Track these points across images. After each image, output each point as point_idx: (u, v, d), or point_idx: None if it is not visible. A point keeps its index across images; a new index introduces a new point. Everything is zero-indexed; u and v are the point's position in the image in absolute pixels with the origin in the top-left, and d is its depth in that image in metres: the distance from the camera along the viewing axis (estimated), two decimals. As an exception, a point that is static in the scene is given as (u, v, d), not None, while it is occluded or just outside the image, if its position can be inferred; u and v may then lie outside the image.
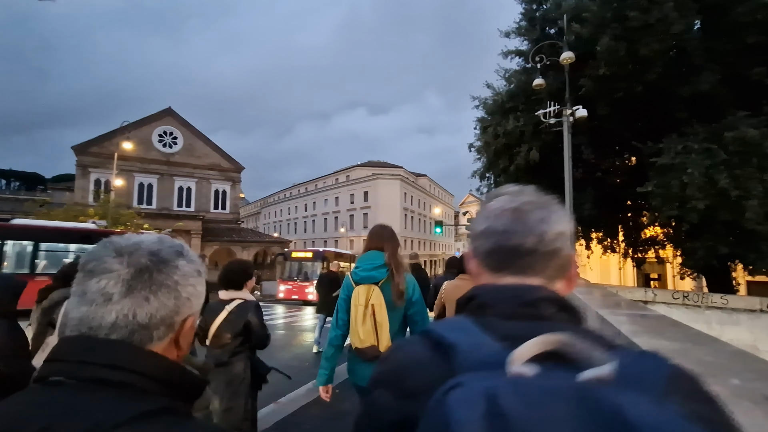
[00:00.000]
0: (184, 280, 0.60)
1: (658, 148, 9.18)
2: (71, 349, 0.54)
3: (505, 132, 11.81)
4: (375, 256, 2.26)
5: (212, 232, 31.48)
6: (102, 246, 0.59)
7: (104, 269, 0.56)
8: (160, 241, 0.62)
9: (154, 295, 0.57)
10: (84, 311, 0.55)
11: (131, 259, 0.57)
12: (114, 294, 0.55)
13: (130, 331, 0.55)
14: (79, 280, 0.57)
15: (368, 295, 2.15)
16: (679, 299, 8.20)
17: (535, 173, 12.83)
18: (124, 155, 30.31)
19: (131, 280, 0.56)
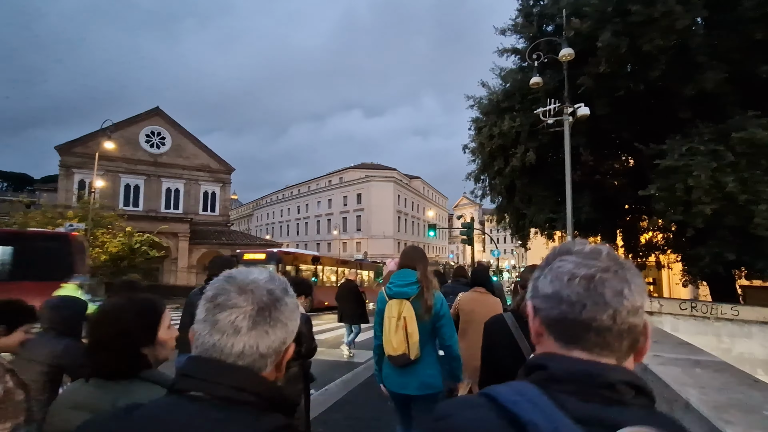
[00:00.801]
0: (291, 315, 0.73)
1: (660, 150, 8.74)
2: (206, 370, 0.65)
3: (501, 132, 11.33)
4: (408, 274, 2.52)
5: (200, 235, 30.71)
6: (225, 281, 0.71)
7: (232, 304, 0.67)
8: (271, 279, 0.73)
9: (272, 330, 0.68)
10: (216, 339, 0.66)
11: (254, 297, 0.68)
12: (242, 327, 0.66)
13: (253, 359, 0.66)
14: (209, 310, 0.68)
15: (400, 309, 2.41)
16: (687, 310, 7.74)
17: (532, 175, 12.37)
18: (110, 155, 29.47)
19: (255, 316, 0.67)
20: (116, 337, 1.11)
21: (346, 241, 53.29)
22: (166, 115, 32.11)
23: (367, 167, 59.25)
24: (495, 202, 15.22)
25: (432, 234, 21.36)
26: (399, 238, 53.49)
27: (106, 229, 17.92)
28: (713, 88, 8.35)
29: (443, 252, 77.21)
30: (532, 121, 10.94)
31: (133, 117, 30.99)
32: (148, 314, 1.20)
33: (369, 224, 51.28)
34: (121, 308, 1.17)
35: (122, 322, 1.13)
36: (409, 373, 2.45)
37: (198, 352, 0.68)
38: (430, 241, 65.44)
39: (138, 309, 1.19)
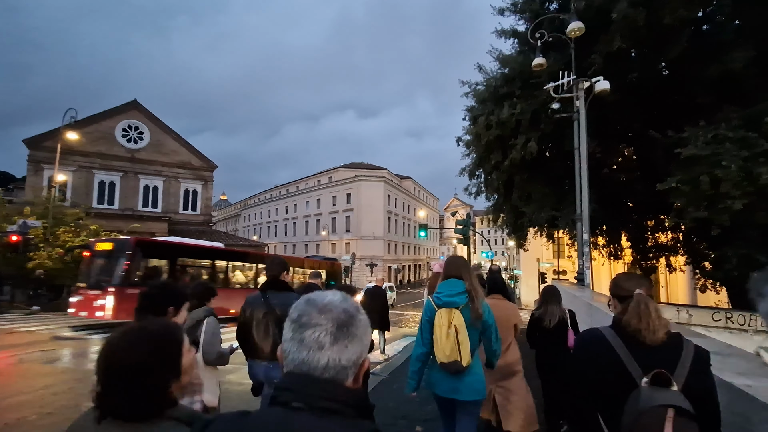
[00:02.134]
0: (364, 330, 0.81)
1: (680, 138, 7.74)
2: (301, 383, 0.74)
3: (499, 121, 10.26)
4: (455, 284, 2.64)
5: (180, 235, 29.03)
6: (306, 304, 0.81)
7: (315, 323, 0.77)
8: (344, 299, 0.83)
9: (350, 344, 0.77)
10: (304, 355, 0.75)
11: (332, 315, 0.78)
12: (325, 343, 0.75)
13: (337, 371, 0.75)
14: (295, 330, 0.78)
15: (450, 318, 2.53)
16: (721, 321, 6.77)
17: (532, 170, 11.33)
18: (83, 150, 27.87)
19: (336, 332, 0.76)
20: (135, 374, 0.94)
21: (335, 242, 51.98)
22: (144, 109, 30.54)
23: (357, 167, 58.03)
24: (491, 199, 14.16)
25: (423, 234, 20.27)
26: (389, 239, 52.35)
27: (68, 227, 16.42)
28: (741, 69, 7.37)
29: (434, 253, 76.23)
30: (534, 109, 9.91)
31: (109, 110, 29.39)
32: (169, 345, 1.04)
33: (358, 225, 50.04)
34: (136, 340, 1.00)
35: (139, 355, 0.96)
36: (460, 379, 2.55)
37: (290, 368, 0.77)
38: (420, 243, 64.39)
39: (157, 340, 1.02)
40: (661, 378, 1.23)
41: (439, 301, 2.62)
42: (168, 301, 2.02)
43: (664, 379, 1.23)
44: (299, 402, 0.71)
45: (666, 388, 1.21)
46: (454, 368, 2.50)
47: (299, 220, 59.45)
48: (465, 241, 13.33)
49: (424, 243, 67.31)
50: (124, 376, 0.94)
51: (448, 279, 2.69)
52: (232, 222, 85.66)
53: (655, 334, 1.37)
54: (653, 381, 1.24)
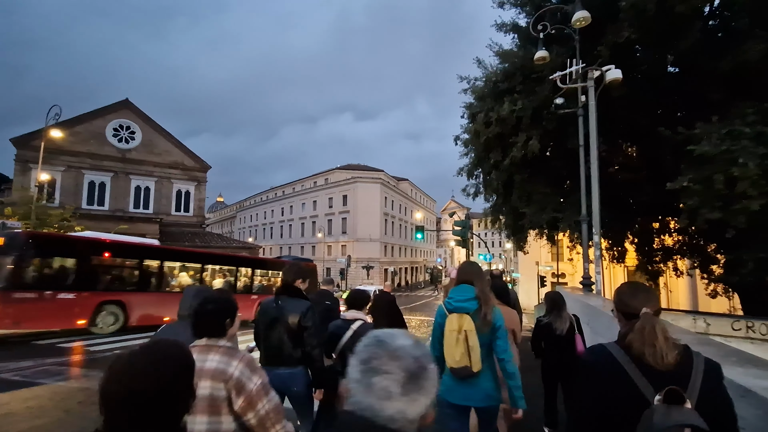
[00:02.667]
0: (433, 383, 0.78)
1: (692, 135, 7.29)
2: (363, 427, 0.72)
3: (499, 118, 9.80)
4: (466, 290, 2.65)
5: (172, 237, 28.55)
6: (377, 346, 0.78)
7: (385, 370, 0.74)
8: (417, 346, 0.79)
9: (420, 397, 0.75)
10: (370, 401, 0.73)
11: (403, 363, 0.75)
12: (394, 393, 0.73)
13: (402, 424, 0.73)
14: (364, 372, 0.76)
15: (461, 323, 2.52)
16: (741, 330, 6.30)
17: (533, 169, 10.88)
18: (73, 150, 27.24)
19: (407, 384, 0.74)
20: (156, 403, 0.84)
21: (331, 243, 51.43)
22: (136, 108, 29.93)
23: (354, 168, 57.55)
24: (489, 200, 13.68)
25: (420, 237, 19.79)
26: (386, 241, 51.84)
27: (52, 229, 15.81)
28: (757, 61, 6.93)
29: (431, 256, 75.72)
30: (535, 105, 9.46)
31: (100, 109, 28.75)
32: (190, 369, 0.95)
33: (355, 227, 49.51)
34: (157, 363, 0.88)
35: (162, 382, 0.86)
36: (471, 385, 2.53)
37: (352, 409, 0.75)
38: (417, 245, 63.87)
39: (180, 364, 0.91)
40: (674, 395, 1.18)
41: (450, 306, 2.62)
42: (226, 314, 1.88)
43: (678, 397, 1.18)
44: None
45: (680, 406, 1.17)
46: (464, 373, 2.48)
47: (295, 221, 58.86)
48: (463, 243, 12.79)
49: (420, 245, 66.80)
50: (143, 405, 0.82)
51: (460, 284, 2.71)
52: (228, 224, 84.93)
53: (665, 359, 1.30)
54: (666, 399, 1.18)
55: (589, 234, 8.58)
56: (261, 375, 1.75)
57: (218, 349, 1.76)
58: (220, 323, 1.85)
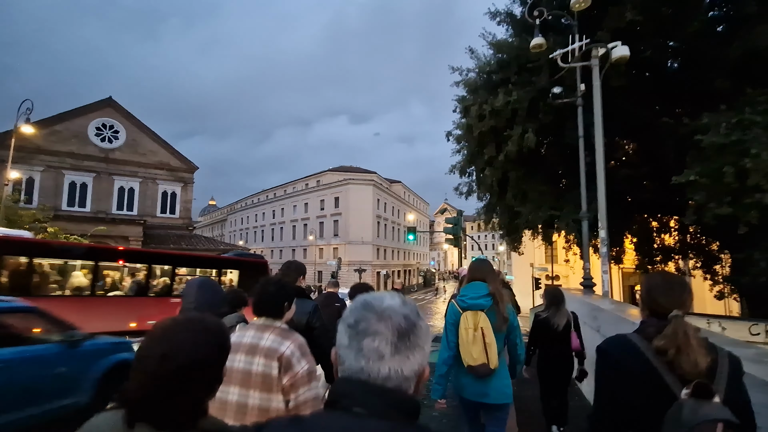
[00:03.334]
0: (425, 338, 0.77)
1: (697, 126, 6.84)
2: (361, 390, 0.71)
3: (493, 111, 9.29)
4: (479, 287, 2.64)
5: (157, 239, 27.67)
6: (363, 308, 0.76)
7: (374, 331, 0.73)
8: (404, 304, 0.78)
9: (412, 354, 0.73)
10: (363, 364, 0.72)
11: (392, 323, 0.73)
12: (386, 353, 0.72)
13: (399, 382, 0.72)
14: (352, 337, 0.74)
15: (476, 320, 2.53)
16: (760, 335, 5.79)
17: (529, 165, 10.38)
18: (52, 149, 26.28)
19: (398, 342, 0.72)
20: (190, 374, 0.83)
21: (322, 246, 50.65)
22: (119, 107, 29.06)
23: (346, 170, 56.92)
24: (483, 199, 13.17)
25: (411, 238, 19.23)
26: (378, 244, 51.19)
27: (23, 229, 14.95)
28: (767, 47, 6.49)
29: (424, 258, 75.17)
30: (531, 97, 8.96)
31: (82, 108, 27.83)
32: (227, 343, 0.93)
33: (347, 229, 48.81)
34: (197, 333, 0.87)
35: (199, 353, 0.85)
36: (487, 382, 2.52)
37: (346, 375, 0.74)
38: (410, 247, 63.28)
39: (218, 337, 0.90)
40: (703, 389, 1.13)
41: (463, 303, 2.61)
42: (285, 297, 1.98)
43: (707, 391, 1.13)
44: (361, 408, 0.69)
45: (709, 401, 1.12)
46: (483, 371, 2.47)
47: (286, 224, 58.00)
48: (455, 242, 12.15)
49: (414, 248, 66.26)
50: (178, 375, 0.81)
51: (472, 282, 2.68)
52: (219, 227, 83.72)
53: (697, 367, 1.21)
54: (695, 393, 1.13)
55: (590, 232, 8.08)
56: (310, 361, 1.80)
57: (274, 329, 1.85)
58: (279, 305, 1.94)
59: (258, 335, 1.82)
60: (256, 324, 1.89)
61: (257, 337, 1.81)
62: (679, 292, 1.38)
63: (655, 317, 1.38)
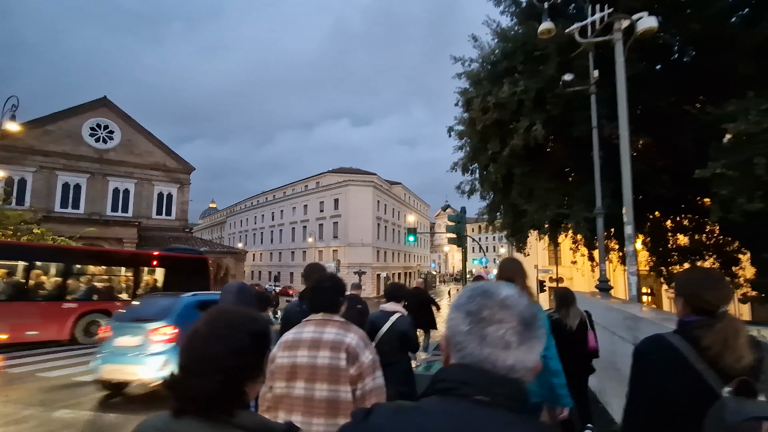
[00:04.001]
0: (543, 331, 0.76)
1: (723, 114, 6.27)
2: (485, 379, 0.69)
3: (498, 103, 8.73)
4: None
5: (152, 241, 27.09)
6: (482, 295, 0.75)
7: (499, 319, 0.71)
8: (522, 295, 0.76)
9: (534, 346, 0.72)
10: (488, 352, 0.70)
11: (516, 311, 0.72)
12: (512, 342, 0.70)
13: (523, 373, 0.71)
14: (474, 323, 0.72)
15: None
16: None
17: (535, 162, 9.80)
18: (45, 150, 25.77)
19: (523, 332, 0.71)
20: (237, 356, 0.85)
21: (322, 249, 50.06)
22: (114, 106, 28.58)
23: (346, 171, 56.44)
24: (486, 197, 12.58)
25: (412, 240, 18.63)
26: (378, 246, 50.60)
27: (6, 231, 14.42)
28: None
29: (425, 261, 74.53)
30: (539, 87, 8.40)
31: (76, 107, 27.35)
32: (268, 333, 0.95)
33: (346, 231, 48.22)
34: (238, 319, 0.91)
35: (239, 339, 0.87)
36: None
37: (466, 362, 0.72)
38: (410, 250, 62.65)
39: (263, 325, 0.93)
40: (746, 387, 1.13)
41: None
42: (340, 292, 2.03)
43: (750, 388, 1.13)
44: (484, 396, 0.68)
45: (753, 398, 1.12)
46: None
47: (285, 226, 57.45)
48: (459, 241, 11.50)
49: (414, 250, 65.64)
50: (216, 364, 0.83)
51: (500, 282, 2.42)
52: (218, 229, 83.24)
53: (740, 363, 1.20)
54: (738, 390, 1.13)
55: (608, 229, 7.49)
56: (372, 352, 1.85)
57: (334, 322, 1.90)
58: (335, 300, 2.00)
59: (319, 330, 1.85)
60: (315, 319, 1.91)
61: (318, 331, 1.84)
62: (724, 287, 1.37)
63: (700, 314, 1.34)
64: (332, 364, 1.74)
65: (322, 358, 1.75)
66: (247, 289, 2.28)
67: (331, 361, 1.75)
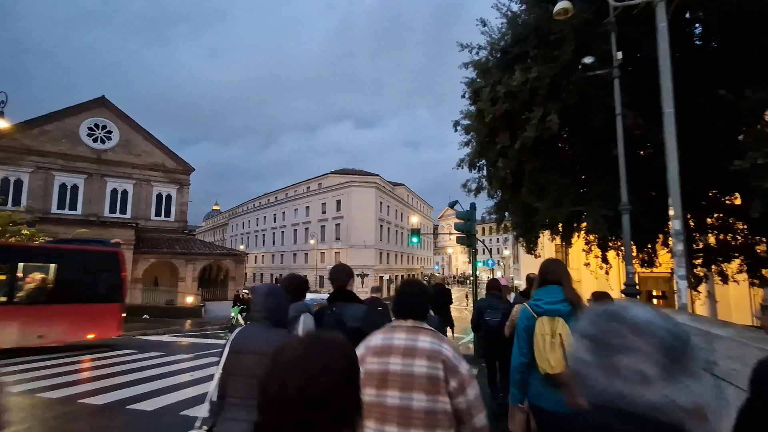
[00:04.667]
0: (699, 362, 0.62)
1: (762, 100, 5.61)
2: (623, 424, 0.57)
3: (509, 92, 8.08)
4: (555, 290, 2.52)
5: (150, 243, 26.62)
6: (609, 319, 0.63)
7: (631, 347, 0.60)
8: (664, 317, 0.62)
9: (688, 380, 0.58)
10: (620, 387, 0.59)
11: (654, 338, 0.60)
12: (651, 376, 0.58)
13: (674, 415, 0.58)
14: (599, 351, 0.61)
15: (554, 326, 2.40)
16: None
17: (547, 156, 9.15)
18: (42, 150, 25.35)
19: (667, 363, 0.59)
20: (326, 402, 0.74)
21: (324, 251, 49.48)
22: (113, 106, 28.16)
23: (348, 173, 55.87)
24: (494, 196, 11.92)
25: (415, 241, 17.98)
26: (381, 248, 49.95)
27: (-5, 232, 13.90)
28: None
29: (428, 263, 73.77)
30: (554, 74, 7.74)
31: (73, 107, 26.94)
32: (357, 365, 0.85)
33: (348, 233, 47.61)
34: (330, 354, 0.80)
35: (334, 376, 0.76)
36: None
37: (598, 402, 0.61)
38: (414, 252, 61.94)
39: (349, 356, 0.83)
40: None
41: (539, 308, 2.49)
42: (427, 299, 1.99)
43: None
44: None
45: None
46: (562, 380, 2.26)
47: (287, 228, 56.94)
48: (468, 241, 10.71)
49: (417, 252, 64.93)
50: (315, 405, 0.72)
51: (547, 285, 2.56)
52: (220, 232, 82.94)
53: None
54: None
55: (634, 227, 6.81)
56: (465, 362, 1.78)
57: (426, 331, 1.82)
58: (425, 307, 1.94)
59: (411, 337, 1.79)
60: (404, 326, 1.85)
61: (411, 339, 1.78)
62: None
63: None
64: (431, 373, 1.69)
65: (419, 367, 1.70)
66: (278, 290, 2.16)
67: (429, 370, 1.69)
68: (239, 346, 1.97)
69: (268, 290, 2.15)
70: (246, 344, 1.95)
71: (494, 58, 9.00)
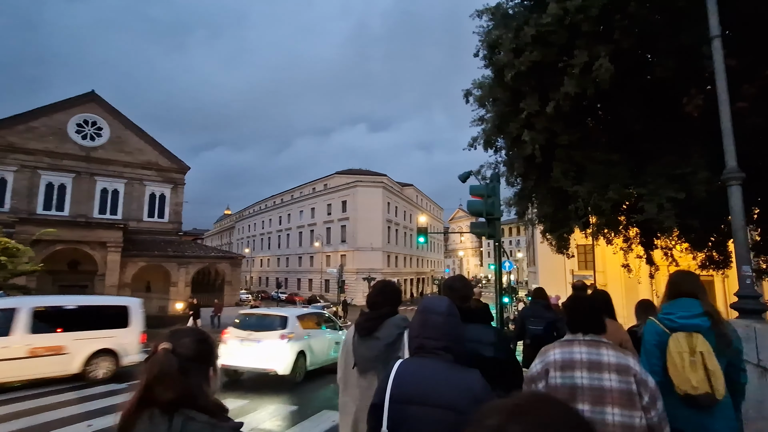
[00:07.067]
0: None
1: None
2: None
3: (539, 34, 6.00)
4: (691, 304, 2.31)
5: (140, 245, 24.97)
6: None
7: None
8: None
9: None
10: None
11: None
12: None
13: None
14: None
15: (692, 343, 2.20)
16: None
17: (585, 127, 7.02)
18: (27, 147, 23.95)
19: None
20: None
21: (329, 253, 47.58)
22: (103, 101, 26.74)
23: (355, 173, 53.97)
24: (514, 184, 9.81)
25: (422, 241, 15.87)
26: (388, 251, 47.82)
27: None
28: None
29: (439, 266, 71.20)
30: (603, 2, 5.62)
31: (61, 102, 25.56)
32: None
33: (355, 235, 45.62)
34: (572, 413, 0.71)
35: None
36: (712, 414, 2.18)
37: None
38: (423, 254, 59.59)
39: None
40: None
41: (672, 323, 2.27)
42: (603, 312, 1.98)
43: None
44: None
45: None
46: (705, 402, 2.11)
47: (293, 231, 55.27)
48: (490, 230, 7.53)
49: (427, 255, 62.57)
50: None
51: (680, 298, 2.34)
52: (227, 235, 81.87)
53: None
54: None
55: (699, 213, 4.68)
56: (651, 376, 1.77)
57: (608, 345, 1.80)
58: (603, 320, 1.91)
59: (594, 351, 1.79)
60: (584, 340, 1.84)
61: (594, 353, 1.78)
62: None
63: None
64: (624, 387, 1.69)
65: (611, 381, 1.70)
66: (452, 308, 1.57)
67: (622, 384, 1.69)
68: (407, 393, 1.33)
69: (448, 310, 1.52)
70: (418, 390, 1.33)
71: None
